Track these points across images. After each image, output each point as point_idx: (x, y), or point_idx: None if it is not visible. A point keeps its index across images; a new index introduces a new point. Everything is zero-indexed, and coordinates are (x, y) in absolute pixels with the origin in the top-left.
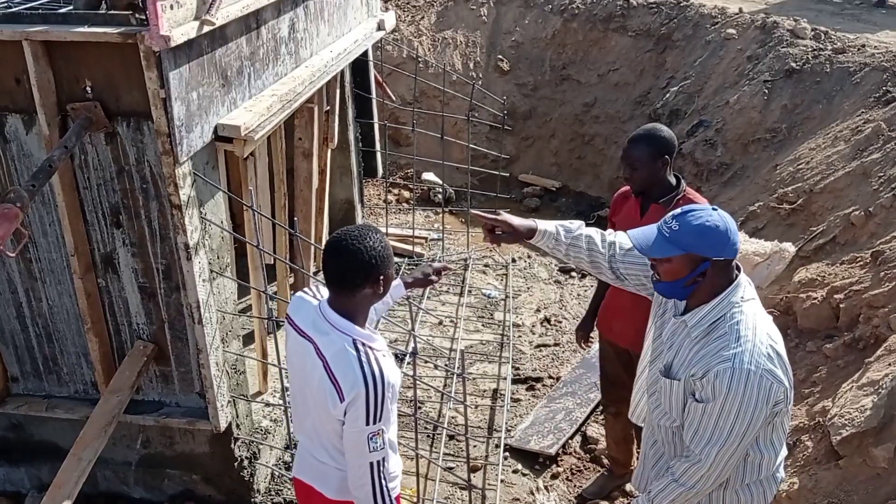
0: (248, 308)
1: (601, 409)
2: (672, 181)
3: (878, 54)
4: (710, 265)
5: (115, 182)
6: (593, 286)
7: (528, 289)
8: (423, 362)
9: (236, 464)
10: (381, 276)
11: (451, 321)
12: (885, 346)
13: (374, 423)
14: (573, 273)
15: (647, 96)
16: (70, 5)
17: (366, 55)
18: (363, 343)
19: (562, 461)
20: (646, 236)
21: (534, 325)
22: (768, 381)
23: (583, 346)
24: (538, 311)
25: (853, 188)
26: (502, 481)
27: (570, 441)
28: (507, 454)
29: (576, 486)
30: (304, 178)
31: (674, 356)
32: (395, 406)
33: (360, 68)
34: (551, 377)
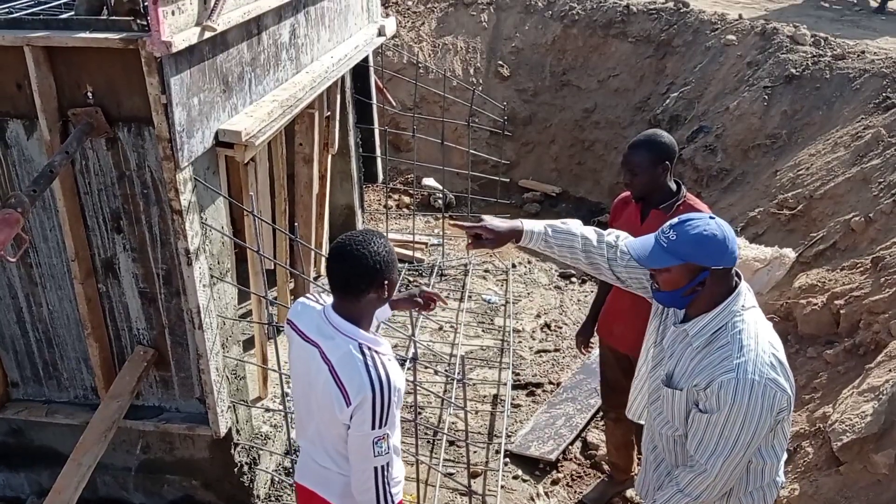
0: (249, 313)
1: (601, 414)
2: (672, 187)
3: (878, 60)
4: (710, 274)
5: (115, 187)
6: (593, 291)
7: (529, 294)
8: (424, 368)
9: (236, 469)
10: (386, 281)
11: (451, 326)
12: (886, 352)
13: (380, 427)
14: (573, 278)
15: (647, 102)
16: (72, 11)
17: (366, 61)
18: (369, 347)
19: (562, 467)
20: (644, 246)
21: (534, 331)
22: (772, 389)
23: (583, 351)
24: (538, 316)
25: (853, 194)
26: (502, 487)
27: (570, 447)
28: (508, 460)
29: (576, 492)
30: (305, 183)
31: (675, 365)
32: (399, 411)
33: (360, 74)
34: (552, 383)
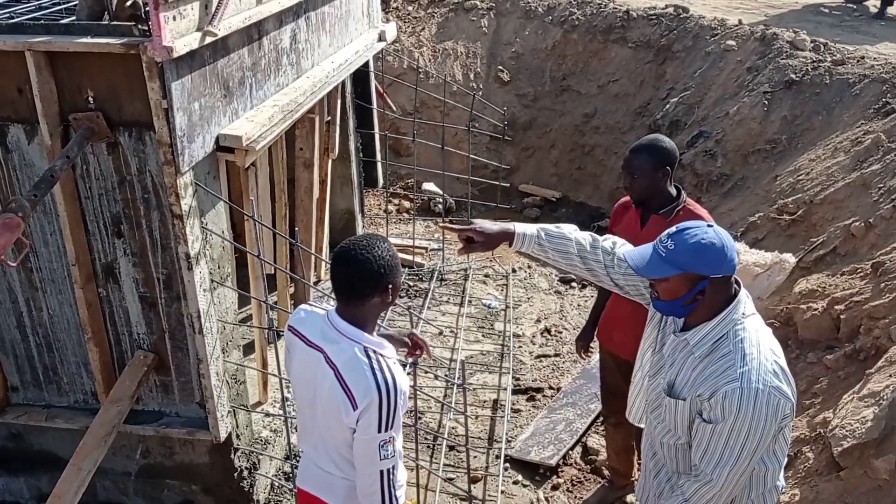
0: (249, 318)
1: (602, 419)
2: (672, 192)
3: (878, 66)
4: (709, 283)
5: (116, 192)
6: (594, 296)
7: (529, 299)
8: (424, 372)
9: (236, 474)
10: (390, 285)
11: (451, 331)
12: (886, 358)
13: (386, 430)
14: (573, 283)
15: (647, 107)
16: (73, 16)
17: (367, 66)
18: (374, 350)
19: (562, 472)
20: (642, 256)
21: (534, 336)
22: (776, 397)
23: (583, 356)
24: (538, 321)
25: (853, 199)
26: (503, 492)
27: (570, 452)
28: (508, 465)
29: (576, 497)
30: (305, 188)
31: (676, 374)
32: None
33: (361, 79)
34: (552, 388)
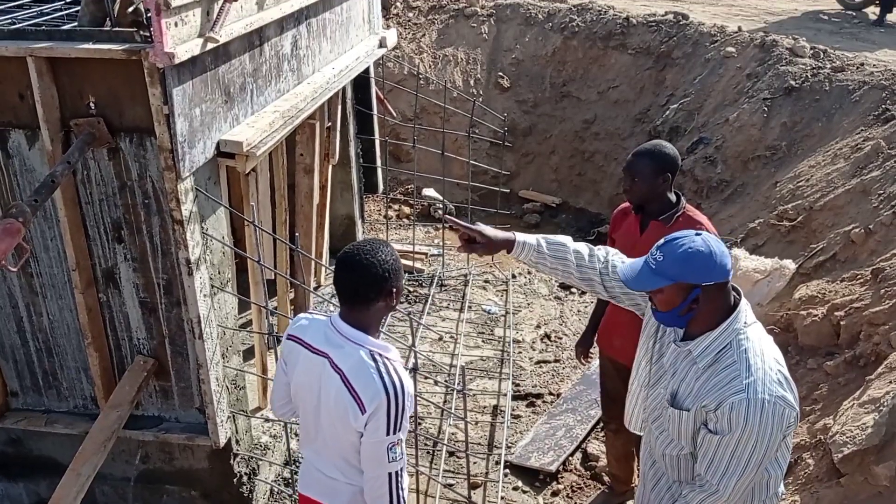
0: (249, 323)
1: (602, 425)
2: (672, 199)
3: (877, 73)
4: (702, 291)
5: (117, 197)
6: (593, 302)
7: (529, 305)
8: (423, 378)
9: (235, 480)
10: (394, 289)
11: (451, 337)
12: (886, 364)
13: (394, 432)
14: (573, 289)
15: (646, 113)
16: (75, 22)
17: (367, 72)
18: (380, 354)
19: (562, 478)
20: (633, 269)
21: (534, 342)
22: (781, 407)
23: (583, 362)
24: (538, 327)
25: (853, 206)
26: (502, 498)
27: (570, 458)
28: (508, 471)
29: (576, 503)
30: (305, 193)
31: (679, 385)
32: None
33: (361, 85)
34: (552, 393)
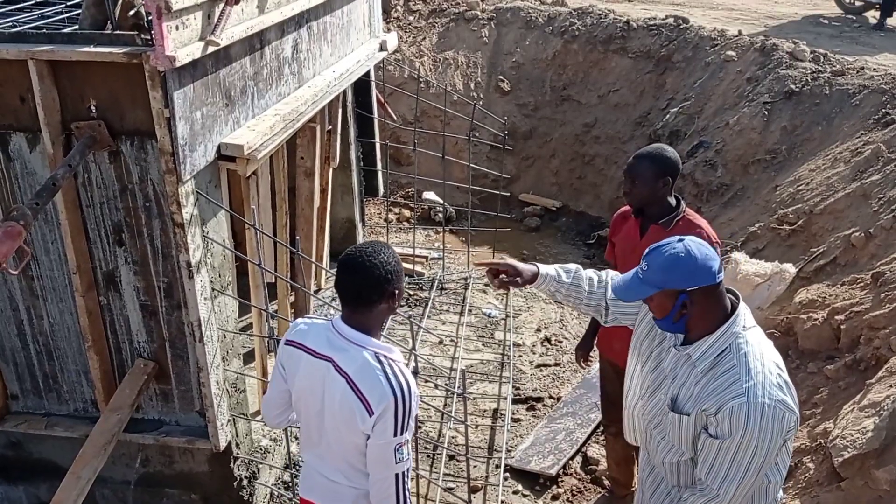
0: (249, 326)
1: (602, 429)
2: (672, 202)
3: (877, 77)
4: (689, 296)
5: (117, 200)
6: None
7: (529, 308)
8: (424, 381)
9: (235, 483)
10: (396, 291)
11: (451, 340)
12: (887, 368)
13: (401, 433)
14: None
15: (647, 117)
16: (75, 25)
17: (368, 75)
18: (385, 355)
19: (562, 482)
20: (624, 281)
21: (534, 345)
22: (781, 411)
23: (583, 365)
24: (539, 330)
25: (853, 209)
26: (502, 502)
27: (570, 462)
28: (508, 475)
29: None
30: (306, 196)
31: (679, 389)
32: None
33: (362, 88)
34: (552, 397)
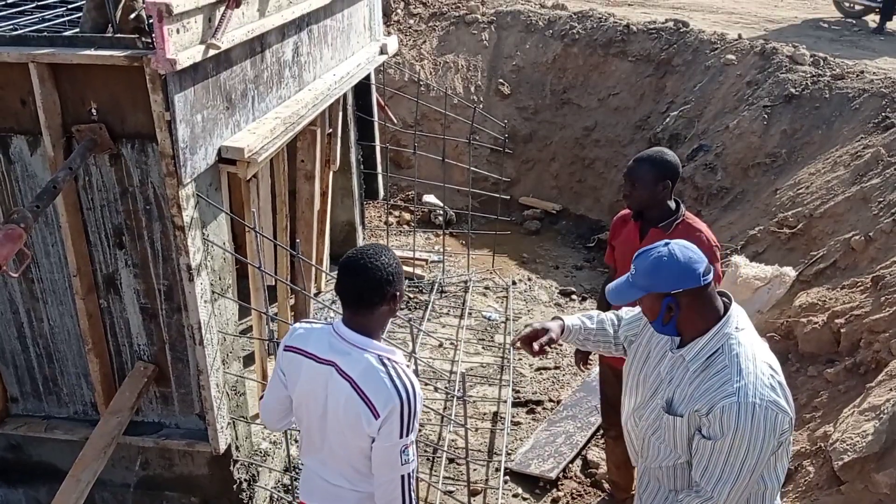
0: (249, 329)
1: (602, 432)
2: (672, 206)
3: (877, 80)
4: (674, 298)
5: (118, 203)
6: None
7: (529, 311)
8: (424, 385)
9: (235, 486)
10: (397, 293)
11: (451, 343)
12: (887, 371)
13: (407, 435)
14: (574, 296)
15: (647, 121)
16: (76, 28)
17: (368, 78)
18: (388, 358)
19: (562, 485)
20: (617, 285)
21: None
22: (773, 412)
23: (582, 368)
24: None
25: (853, 213)
26: None
27: (570, 465)
28: (508, 478)
29: None
30: (306, 199)
31: (674, 391)
32: None
33: (362, 91)
34: (552, 400)
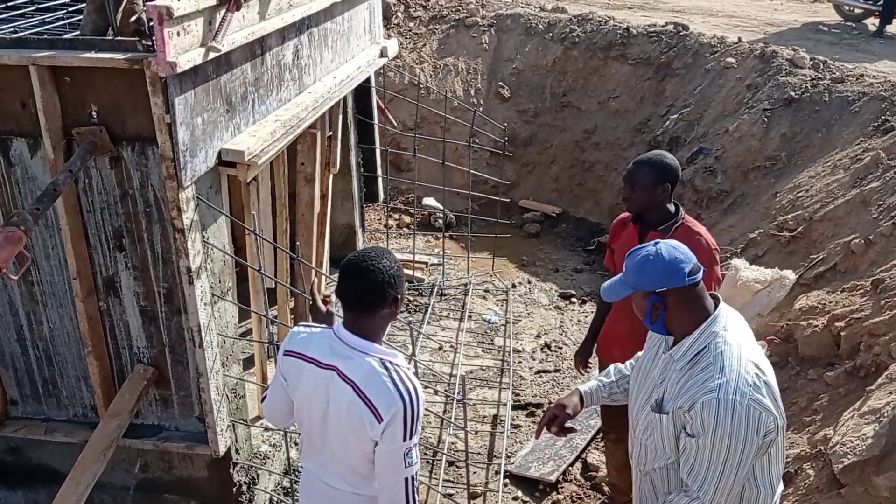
0: (249, 332)
1: (602, 435)
2: (671, 209)
3: (877, 84)
4: (661, 297)
5: (118, 206)
6: (593, 311)
7: (529, 314)
8: (423, 387)
9: (235, 489)
10: (398, 296)
11: (451, 346)
12: (887, 375)
13: (410, 437)
14: (573, 299)
15: (647, 124)
16: (77, 30)
17: (368, 81)
18: (390, 361)
19: (562, 488)
20: (610, 283)
21: (534, 351)
22: (755, 410)
23: (582, 371)
24: (538, 336)
25: (853, 216)
26: None
27: (570, 468)
28: (507, 481)
29: None
30: (306, 202)
31: (663, 390)
32: None
33: (362, 94)
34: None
